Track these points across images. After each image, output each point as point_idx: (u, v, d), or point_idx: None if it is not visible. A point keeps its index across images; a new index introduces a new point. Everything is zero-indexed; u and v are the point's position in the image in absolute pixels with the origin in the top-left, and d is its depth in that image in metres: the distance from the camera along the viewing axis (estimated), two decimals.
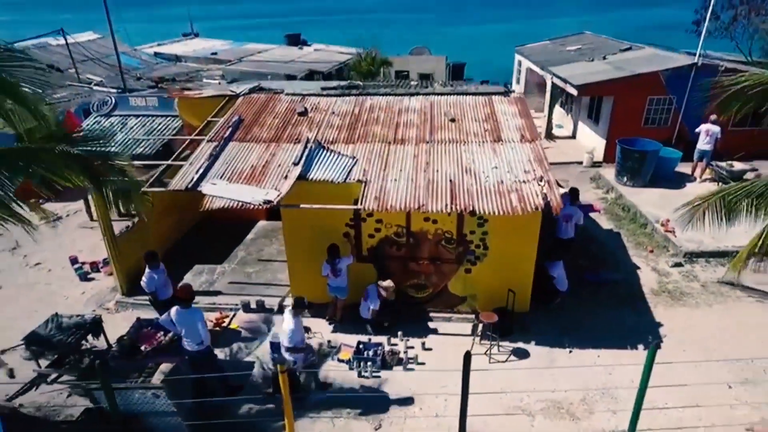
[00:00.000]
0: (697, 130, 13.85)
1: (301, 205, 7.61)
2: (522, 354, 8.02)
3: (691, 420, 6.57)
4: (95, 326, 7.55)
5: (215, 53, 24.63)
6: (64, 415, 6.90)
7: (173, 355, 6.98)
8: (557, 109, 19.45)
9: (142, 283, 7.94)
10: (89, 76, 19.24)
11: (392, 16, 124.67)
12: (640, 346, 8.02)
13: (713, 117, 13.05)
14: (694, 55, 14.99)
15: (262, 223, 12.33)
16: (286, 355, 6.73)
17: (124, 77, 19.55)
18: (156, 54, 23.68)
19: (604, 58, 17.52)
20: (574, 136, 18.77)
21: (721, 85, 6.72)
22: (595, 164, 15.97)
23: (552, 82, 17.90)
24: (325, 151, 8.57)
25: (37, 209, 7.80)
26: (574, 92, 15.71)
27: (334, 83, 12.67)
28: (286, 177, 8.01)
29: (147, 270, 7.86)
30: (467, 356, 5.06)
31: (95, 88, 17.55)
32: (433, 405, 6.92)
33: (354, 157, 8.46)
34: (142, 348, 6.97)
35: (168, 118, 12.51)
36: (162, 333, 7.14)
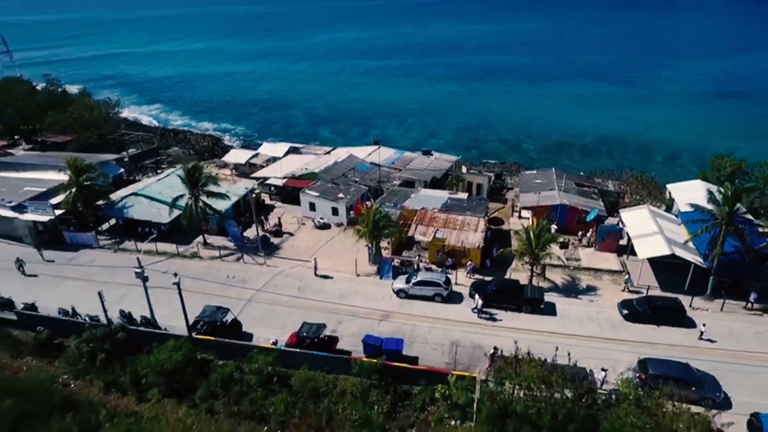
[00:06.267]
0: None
1: (433, 242, 41.17)
2: (478, 277, 40.60)
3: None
4: None
5: (393, 162, 59.13)
6: None
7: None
8: None
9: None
10: (355, 178, 54.21)
11: (492, 59, 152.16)
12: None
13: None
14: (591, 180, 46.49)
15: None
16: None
17: (367, 178, 54.64)
18: (372, 163, 58.13)
19: (539, 193, 48.64)
20: (529, 218, 50.12)
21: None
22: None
23: (520, 198, 49.60)
24: (439, 230, 42.00)
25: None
26: (523, 208, 47.52)
27: (442, 196, 46.05)
28: (433, 235, 41.57)
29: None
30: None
31: (361, 186, 52.31)
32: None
33: (444, 233, 41.80)
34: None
35: (395, 212, 46.32)
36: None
